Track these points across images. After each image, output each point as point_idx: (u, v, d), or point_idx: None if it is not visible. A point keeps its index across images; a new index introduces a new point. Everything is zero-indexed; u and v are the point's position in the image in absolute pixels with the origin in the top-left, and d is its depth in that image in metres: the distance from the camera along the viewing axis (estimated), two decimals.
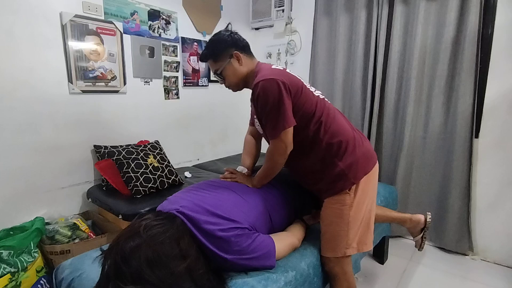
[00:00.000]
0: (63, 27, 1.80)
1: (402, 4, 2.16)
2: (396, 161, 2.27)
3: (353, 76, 2.44)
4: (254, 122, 1.33)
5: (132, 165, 1.88)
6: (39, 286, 1.50)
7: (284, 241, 1.09)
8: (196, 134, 2.76)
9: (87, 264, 1.05)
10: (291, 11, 2.84)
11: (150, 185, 1.87)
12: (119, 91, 2.13)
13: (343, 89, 2.55)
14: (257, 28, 3.13)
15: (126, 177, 1.84)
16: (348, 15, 2.45)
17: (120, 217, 1.67)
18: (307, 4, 2.70)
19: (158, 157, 2.05)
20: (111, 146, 1.97)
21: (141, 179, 1.85)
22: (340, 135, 1.14)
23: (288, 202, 1.24)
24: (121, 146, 1.99)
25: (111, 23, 2.02)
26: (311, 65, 2.72)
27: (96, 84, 1.99)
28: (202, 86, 2.75)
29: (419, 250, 1.60)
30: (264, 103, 1.07)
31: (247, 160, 1.42)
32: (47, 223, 1.72)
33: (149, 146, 2.10)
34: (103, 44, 1.99)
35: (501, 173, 1.97)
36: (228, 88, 1.27)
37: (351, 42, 2.46)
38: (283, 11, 2.79)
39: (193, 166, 2.66)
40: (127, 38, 2.13)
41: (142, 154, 1.98)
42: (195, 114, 2.72)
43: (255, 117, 1.25)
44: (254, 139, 1.46)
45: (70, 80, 1.86)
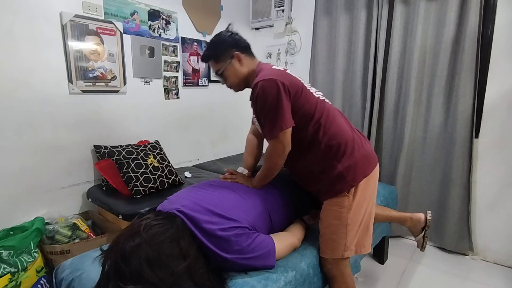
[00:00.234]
0: (63, 27, 1.80)
1: (402, 4, 2.16)
2: (396, 161, 2.27)
3: (353, 76, 2.44)
4: (254, 121, 1.33)
5: (132, 165, 1.88)
6: (39, 286, 1.50)
7: (284, 241, 1.09)
8: (196, 134, 2.76)
9: (87, 264, 1.05)
10: (291, 11, 2.84)
11: (150, 185, 1.87)
12: (119, 91, 2.13)
13: (343, 89, 2.55)
14: (257, 28, 3.13)
15: (126, 177, 1.84)
16: (348, 15, 2.45)
17: (120, 217, 1.67)
18: (307, 4, 2.70)
19: (158, 157, 2.05)
20: (111, 146, 1.97)
21: (141, 179, 1.85)
22: (339, 137, 1.13)
23: (288, 202, 1.24)
24: (121, 146, 1.99)
25: (111, 23, 2.02)
26: (311, 65, 2.72)
27: (96, 84, 1.99)
28: (202, 86, 2.75)
29: (421, 250, 1.59)
30: (263, 103, 1.07)
31: (248, 160, 1.42)
32: (47, 223, 1.72)
33: (149, 146, 2.10)
34: (103, 44, 1.99)
35: (501, 173, 1.97)
36: (230, 88, 1.27)
37: (351, 42, 2.46)
38: (283, 11, 2.79)
39: (193, 166, 2.66)
40: (127, 38, 2.13)
41: (142, 154, 1.98)
42: (195, 114, 2.72)
43: (254, 116, 1.26)
44: (256, 138, 1.45)
45: (70, 80, 1.86)
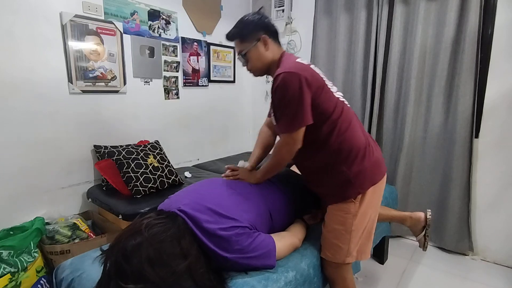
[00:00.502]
0: (63, 27, 1.80)
1: (402, 4, 2.16)
2: (396, 161, 2.27)
3: (353, 76, 2.44)
4: (271, 113, 1.28)
5: (132, 165, 1.88)
6: (39, 286, 1.50)
7: (285, 240, 1.09)
8: (196, 134, 2.76)
9: (87, 264, 1.05)
10: (291, 11, 2.84)
11: (150, 185, 1.87)
12: (119, 91, 2.13)
13: (343, 89, 2.55)
14: None
15: (126, 177, 1.84)
16: (348, 15, 2.45)
17: (120, 217, 1.67)
18: (307, 4, 2.70)
19: (158, 157, 2.05)
20: (111, 146, 1.97)
21: (141, 179, 1.85)
22: (352, 141, 1.10)
23: (289, 200, 1.24)
24: (121, 146, 1.99)
25: (111, 23, 2.02)
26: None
27: (96, 84, 1.99)
28: (202, 86, 2.75)
29: (423, 249, 1.58)
30: (282, 96, 1.03)
31: (257, 151, 1.39)
32: (47, 223, 1.72)
33: (149, 146, 2.10)
34: (103, 44, 1.99)
35: (501, 173, 1.97)
36: (250, 72, 1.23)
37: (351, 42, 2.46)
38: (283, 11, 2.79)
39: (193, 166, 2.66)
40: (127, 38, 2.13)
41: (142, 154, 1.98)
42: (195, 114, 2.72)
43: (271, 108, 1.21)
44: (270, 131, 1.42)
45: (70, 80, 1.86)
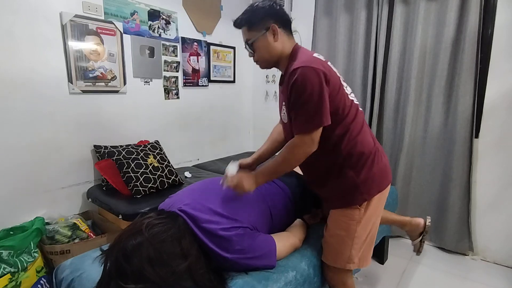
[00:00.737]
0: (63, 27, 1.80)
1: (402, 4, 2.16)
2: (396, 161, 2.27)
3: (353, 76, 2.44)
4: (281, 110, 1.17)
5: (132, 165, 1.88)
6: (39, 286, 1.50)
7: (285, 241, 1.09)
8: (196, 134, 2.76)
9: (87, 264, 1.05)
10: (291, 11, 2.84)
11: (150, 185, 1.87)
12: (119, 91, 2.13)
13: None
14: None
15: (126, 177, 1.84)
16: (348, 15, 2.45)
17: (120, 217, 1.67)
18: (307, 4, 2.70)
19: (158, 157, 2.05)
20: (111, 146, 1.97)
21: (141, 179, 1.85)
22: (363, 147, 1.06)
23: (289, 200, 1.24)
24: (121, 146, 1.99)
25: (111, 23, 2.02)
26: None
27: (96, 84, 1.99)
28: (202, 86, 2.75)
29: (417, 254, 1.60)
30: (301, 92, 0.95)
31: (264, 147, 1.31)
32: (47, 223, 1.72)
33: (149, 146, 2.10)
34: (103, 44, 1.99)
35: (501, 173, 1.97)
36: (256, 63, 1.15)
37: (351, 42, 2.46)
38: None
39: (193, 166, 2.66)
40: (127, 38, 2.13)
41: (142, 154, 1.98)
42: (195, 114, 2.72)
43: (283, 103, 1.10)
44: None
45: (70, 80, 1.86)
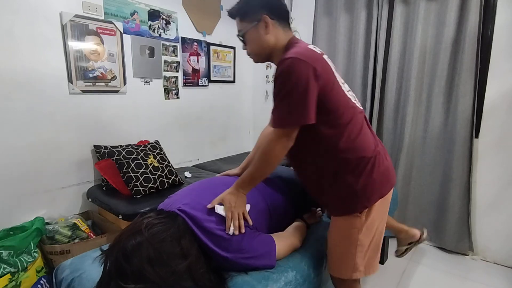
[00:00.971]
0: (63, 27, 1.80)
1: (402, 4, 2.16)
2: (396, 161, 2.27)
3: (353, 76, 2.44)
4: None
5: (132, 165, 1.88)
6: (39, 286, 1.50)
7: (285, 241, 1.09)
8: (196, 134, 2.76)
9: (87, 264, 1.05)
10: (291, 11, 2.84)
11: (150, 185, 1.87)
12: (119, 91, 2.13)
13: None
14: None
15: (126, 177, 1.84)
16: (348, 15, 2.45)
17: (120, 217, 1.67)
18: (307, 4, 2.70)
19: (158, 157, 2.05)
20: (111, 146, 1.97)
21: (141, 179, 1.85)
22: (363, 150, 0.97)
23: (288, 199, 1.23)
24: (121, 146, 1.99)
25: (111, 23, 2.02)
26: None
27: (96, 84, 1.99)
28: (202, 86, 2.75)
29: (396, 255, 1.62)
30: (284, 83, 0.89)
31: (252, 152, 1.26)
32: (47, 223, 1.71)
33: (149, 146, 2.10)
34: (103, 44, 1.99)
35: (501, 173, 1.97)
36: (249, 56, 1.10)
37: (351, 42, 2.46)
38: None
39: (193, 166, 2.66)
40: (127, 38, 2.13)
41: (142, 154, 1.98)
42: (195, 114, 2.72)
43: None
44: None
45: (70, 80, 1.86)
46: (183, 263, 0.80)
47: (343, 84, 1.01)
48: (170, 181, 2.00)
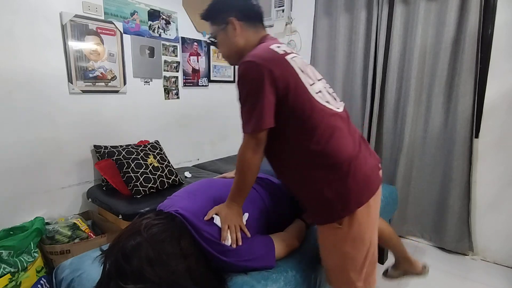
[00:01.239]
0: (63, 27, 1.80)
1: (402, 4, 2.16)
2: (396, 161, 2.27)
3: (353, 76, 2.44)
4: None
5: (132, 165, 1.88)
6: (39, 286, 1.51)
7: (284, 242, 1.08)
8: (196, 134, 2.76)
9: (87, 264, 1.05)
10: (291, 11, 2.84)
11: (150, 185, 1.87)
12: (119, 91, 2.13)
13: (343, 89, 2.55)
14: None
15: (126, 177, 1.84)
16: (348, 15, 2.44)
17: (120, 217, 1.67)
18: (307, 4, 2.70)
19: (158, 157, 2.05)
20: (111, 146, 1.97)
21: (141, 179, 1.85)
22: (335, 156, 0.90)
23: (288, 200, 1.23)
24: (121, 146, 1.99)
25: (111, 23, 2.02)
26: (311, 65, 2.71)
27: (96, 84, 1.99)
28: (202, 86, 2.75)
29: (383, 276, 1.55)
30: (241, 89, 0.89)
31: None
32: (47, 223, 1.72)
33: (149, 146, 2.10)
34: (103, 44, 1.99)
35: (501, 173, 1.97)
36: (224, 59, 1.11)
37: (351, 42, 2.45)
38: (283, 11, 2.79)
39: (193, 166, 2.66)
40: (127, 38, 2.13)
41: (142, 154, 1.98)
42: (195, 114, 2.72)
43: None
44: None
45: (70, 80, 1.86)
46: (183, 263, 0.81)
47: (311, 85, 0.93)
48: (170, 181, 2.00)
